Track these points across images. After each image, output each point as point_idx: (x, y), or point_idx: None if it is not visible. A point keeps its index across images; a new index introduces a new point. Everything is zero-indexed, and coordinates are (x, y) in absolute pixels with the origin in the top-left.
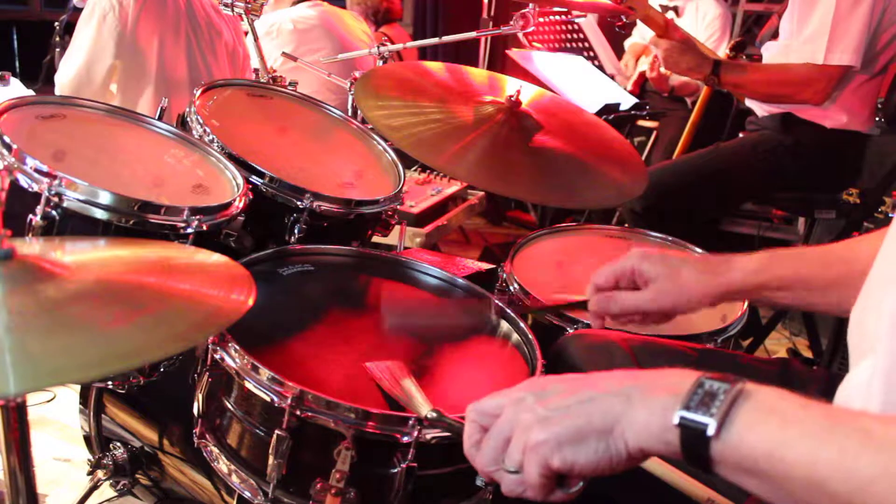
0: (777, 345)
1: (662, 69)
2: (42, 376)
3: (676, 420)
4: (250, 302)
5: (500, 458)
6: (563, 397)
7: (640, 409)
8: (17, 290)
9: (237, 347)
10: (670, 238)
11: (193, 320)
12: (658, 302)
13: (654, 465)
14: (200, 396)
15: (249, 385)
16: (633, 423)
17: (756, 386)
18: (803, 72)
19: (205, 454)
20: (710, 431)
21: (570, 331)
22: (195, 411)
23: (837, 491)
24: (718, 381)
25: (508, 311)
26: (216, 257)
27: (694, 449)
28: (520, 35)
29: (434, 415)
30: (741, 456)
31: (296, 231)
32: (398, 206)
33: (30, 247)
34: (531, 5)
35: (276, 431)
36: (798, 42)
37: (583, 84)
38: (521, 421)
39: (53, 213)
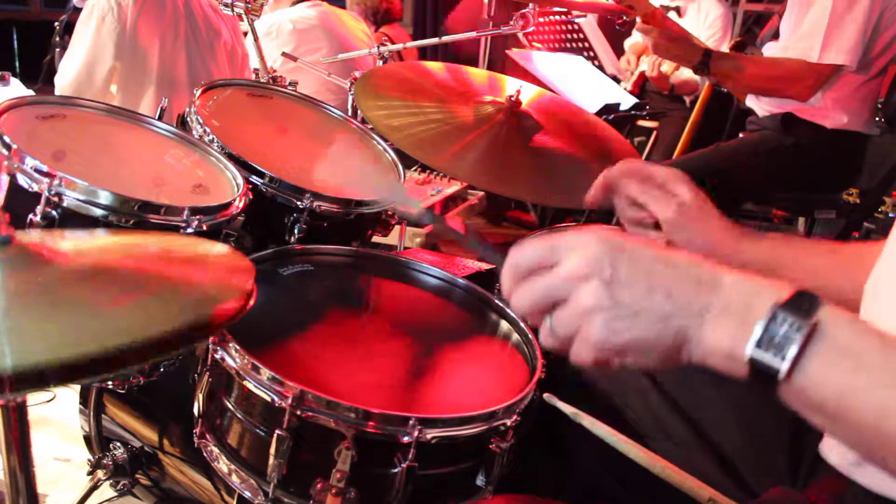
0: None
1: (665, 64)
2: (39, 353)
3: (747, 356)
4: (250, 285)
5: (542, 311)
6: (636, 296)
7: (711, 332)
8: (14, 274)
9: (237, 347)
10: None
11: (193, 299)
12: (679, 221)
13: (655, 465)
14: (200, 396)
15: (250, 385)
16: (702, 345)
17: (833, 317)
18: (793, 67)
19: (205, 454)
20: (781, 376)
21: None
22: (195, 411)
23: None
24: (792, 315)
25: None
26: (218, 247)
27: (762, 384)
28: (520, 35)
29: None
30: (810, 398)
31: (296, 231)
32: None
33: (28, 236)
34: (531, 5)
35: (277, 431)
36: (793, 38)
37: (583, 84)
38: (583, 303)
39: (53, 212)
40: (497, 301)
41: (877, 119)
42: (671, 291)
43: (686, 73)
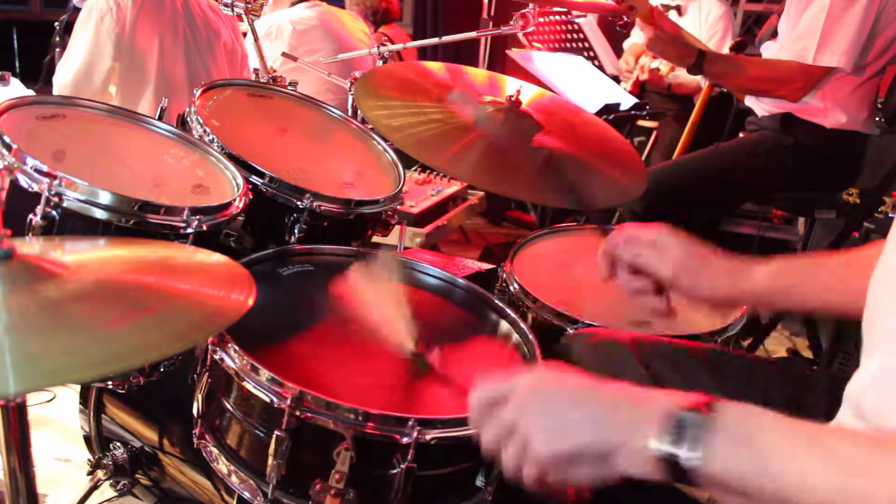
0: (777, 345)
1: (660, 64)
2: (42, 376)
3: (654, 453)
4: (250, 302)
5: (501, 442)
6: (569, 413)
7: (630, 442)
8: (16, 290)
9: (237, 348)
10: None
11: (193, 320)
12: (675, 273)
13: None
14: (200, 397)
15: (249, 386)
16: (624, 455)
17: (725, 407)
18: (785, 69)
19: (204, 454)
20: (683, 462)
21: (570, 330)
22: (195, 411)
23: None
24: (690, 412)
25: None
26: (216, 257)
27: (675, 475)
28: (520, 35)
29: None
30: (716, 480)
31: (296, 231)
32: (398, 206)
33: (30, 246)
34: (531, 5)
35: (276, 432)
36: (789, 39)
37: (583, 84)
38: (525, 425)
39: (53, 213)
40: (497, 301)
41: (877, 119)
42: (599, 403)
43: (683, 74)
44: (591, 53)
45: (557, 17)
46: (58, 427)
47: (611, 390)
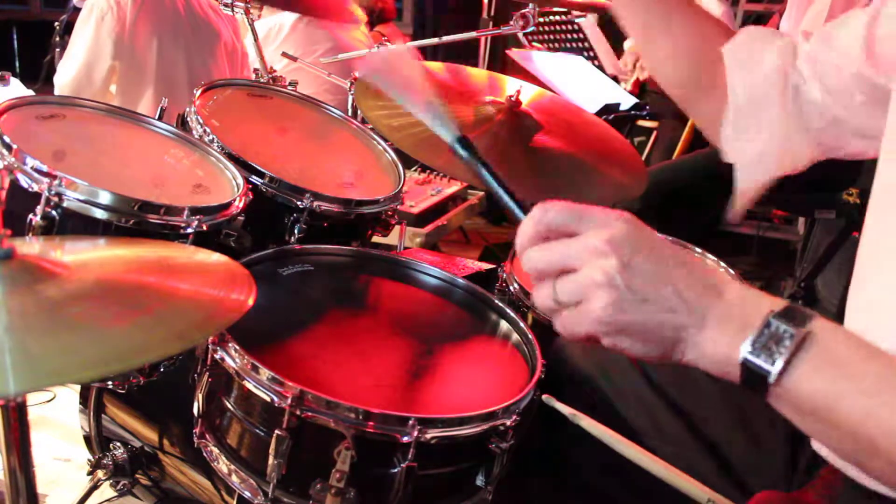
0: None
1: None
2: (42, 376)
3: (740, 359)
4: (250, 302)
5: (549, 275)
6: (647, 285)
7: (709, 335)
8: (16, 290)
9: (237, 347)
10: (670, 238)
11: (193, 320)
12: None
13: (654, 465)
14: (200, 396)
15: (249, 385)
16: (698, 346)
17: (824, 327)
18: None
19: (205, 454)
20: (771, 378)
21: None
22: (195, 411)
23: (884, 449)
24: (786, 323)
25: None
26: (216, 257)
27: (753, 386)
28: (520, 35)
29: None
30: (797, 400)
31: (296, 231)
32: (398, 206)
33: (30, 246)
34: (531, 5)
35: (276, 431)
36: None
37: (583, 84)
38: (594, 278)
39: (53, 213)
40: (497, 301)
41: None
42: (680, 288)
43: None
44: (591, 53)
45: (557, 17)
46: (58, 427)
47: (695, 269)
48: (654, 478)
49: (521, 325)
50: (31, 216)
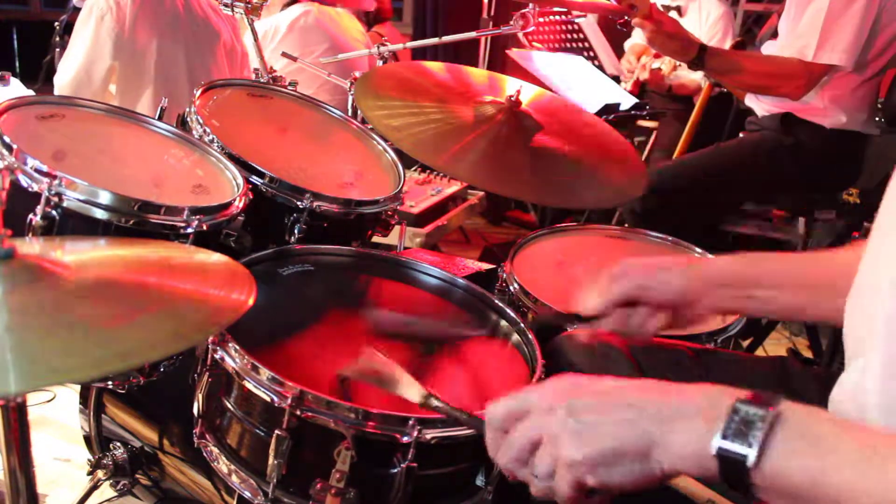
0: (777, 345)
1: (661, 64)
2: (42, 375)
3: (714, 450)
4: (250, 301)
5: (526, 460)
6: (597, 414)
7: (676, 435)
8: (17, 290)
9: (237, 347)
10: (670, 238)
11: (194, 319)
12: (633, 285)
13: None
14: (200, 396)
15: (249, 385)
16: (670, 449)
17: (792, 408)
18: (787, 66)
19: (205, 454)
20: (750, 462)
21: (569, 329)
22: (195, 411)
23: None
24: (754, 407)
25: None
26: (216, 257)
27: (734, 477)
28: (520, 35)
29: (434, 402)
30: (783, 484)
31: (296, 231)
32: (398, 206)
33: (30, 246)
34: (531, 5)
35: (276, 431)
36: (790, 37)
37: (583, 84)
38: (553, 432)
39: (53, 213)
40: (497, 301)
41: (876, 119)
42: (632, 401)
43: (684, 75)
44: (591, 53)
45: (557, 17)
46: (58, 427)
47: (639, 386)
48: None
49: (521, 325)
50: (31, 216)
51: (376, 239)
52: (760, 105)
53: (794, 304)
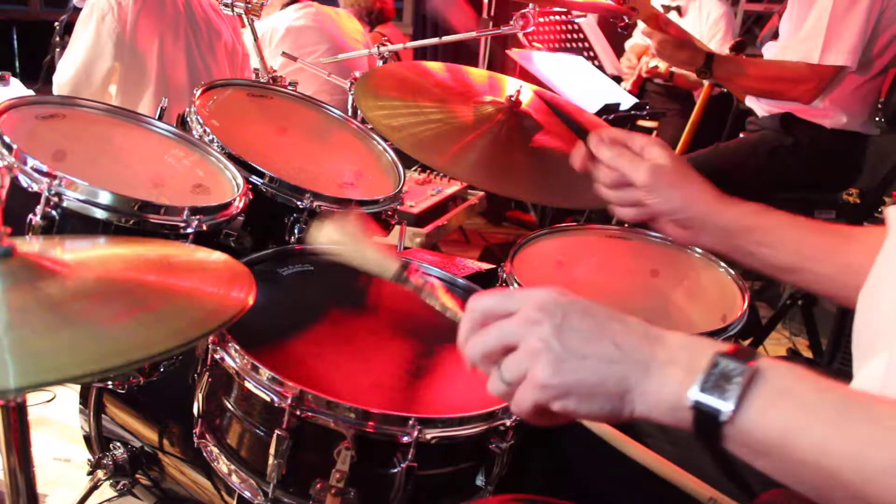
0: (777, 345)
1: (658, 62)
2: (43, 374)
3: (691, 401)
4: (250, 299)
5: (493, 358)
6: (583, 343)
7: (655, 382)
8: (17, 288)
9: (237, 347)
10: (670, 238)
11: (194, 318)
12: (651, 177)
13: (656, 464)
14: (200, 396)
15: (249, 385)
16: (646, 395)
17: (772, 364)
18: (796, 70)
19: (205, 454)
20: (724, 417)
21: None
22: (195, 411)
23: (849, 480)
24: (734, 361)
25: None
26: (216, 255)
27: (706, 429)
28: (520, 35)
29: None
30: (753, 439)
31: (296, 231)
32: (398, 206)
33: (30, 245)
34: (531, 5)
35: (276, 431)
36: (795, 41)
37: (583, 84)
38: (532, 346)
39: (53, 212)
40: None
41: (877, 119)
42: (618, 341)
43: None
44: (591, 53)
45: (557, 17)
46: (58, 427)
47: (627, 327)
48: (656, 477)
49: None
50: (30, 216)
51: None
52: (761, 105)
53: (790, 265)
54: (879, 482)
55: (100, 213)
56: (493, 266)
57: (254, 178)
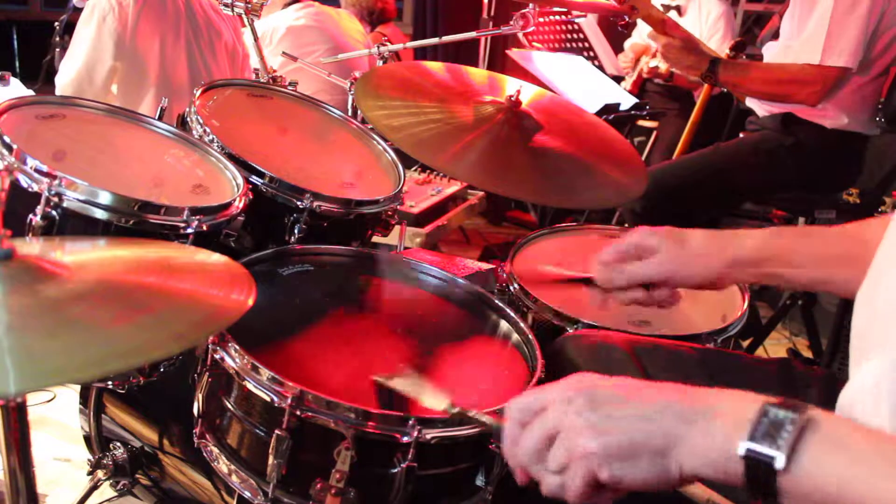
0: (777, 345)
1: (658, 62)
2: (43, 376)
3: (742, 451)
4: (250, 302)
5: (542, 454)
6: (618, 406)
7: (701, 435)
8: (17, 290)
9: (237, 347)
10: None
11: (194, 319)
12: (663, 270)
13: None
14: (200, 396)
15: (249, 385)
16: (692, 448)
17: (821, 414)
18: (800, 72)
19: (205, 454)
20: (779, 465)
21: (570, 330)
22: (195, 411)
23: None
24: (784, 410)
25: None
26: (216, 257)
27: (759, 481)
28: (520, 35)
29: (455, 410)
30: (810, 490)
31: (296, 231)
32: (398, 206)
33: (30, 247)
34: (531, 5)
35: (276, 431)
36: (797, 43)
37: (583, 84)
38: (571, 423)
39: (53, 213)
40: (497, 301)
41: (877, 119)
42: (655, 398)
43: None
44: (591, 53)
45: (557, 17)
46: (58, 427)
47: (660, 386)
48: None
49: (521, 325)
50: (31, 216)
51: (376, 239)
52: (761, 105)
53: (817, 278)
54: None
55: (100, 214)
56: (493, 266)
57: (254, 178)
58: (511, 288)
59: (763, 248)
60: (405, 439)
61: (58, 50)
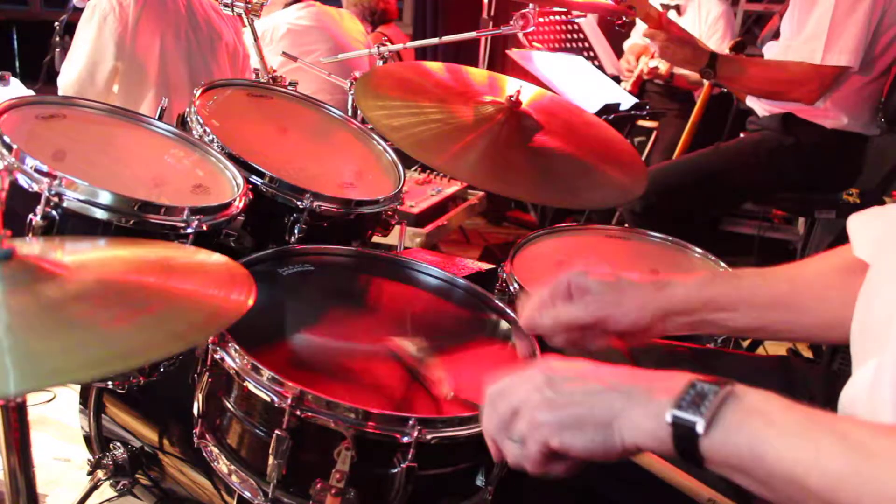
0: (777, 345)
1: (658, 63)
2: (43, 376)
3: (669, 419)
4: (250, 302)
5: (508, 427)
6: (572, 385)
7: (638, 408)
8: (17, 290)
9: (237, 348)
10: (670, 238)
11: (194, 320)
12: (592, 311)
13: (655, 465)
14: (200, 396)
15: (249, 385)
16: (630, 420)
17: (745, 388)
18: (799, 70)
19: (205, 454)
20: (699, 429)
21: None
22: (195, 411)
23: (815, 488)
24: (709, 384)
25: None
26: (216, 257)
27: (684, 446)
28: (520, 35)
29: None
30: (728, 453)
31: (296, 231)
32: (398, 206)
33: (30, 247)
34: (531, 5)
35: (276, 431)
36: (797, 42)
37: (583, 84)
38: (530, 399)
39: (53, 213)
40: (497, 301)
41: (877, 119)
42: (605, 378)
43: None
44: (591, 53)
45: (557, 17)
46: (58, 427)
47: (615, 370)
48: (654, 477)
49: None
50: (31, 216)
51: (376, 239)
52: (761, 105)
53: (751, 325)
54: (840, 490)
55: (100, 213)
56: (493, 266)
57: (254, 178)
58: (511, 288)
59: (693, 297)
60: (405, 439)
61: (58, 50)
